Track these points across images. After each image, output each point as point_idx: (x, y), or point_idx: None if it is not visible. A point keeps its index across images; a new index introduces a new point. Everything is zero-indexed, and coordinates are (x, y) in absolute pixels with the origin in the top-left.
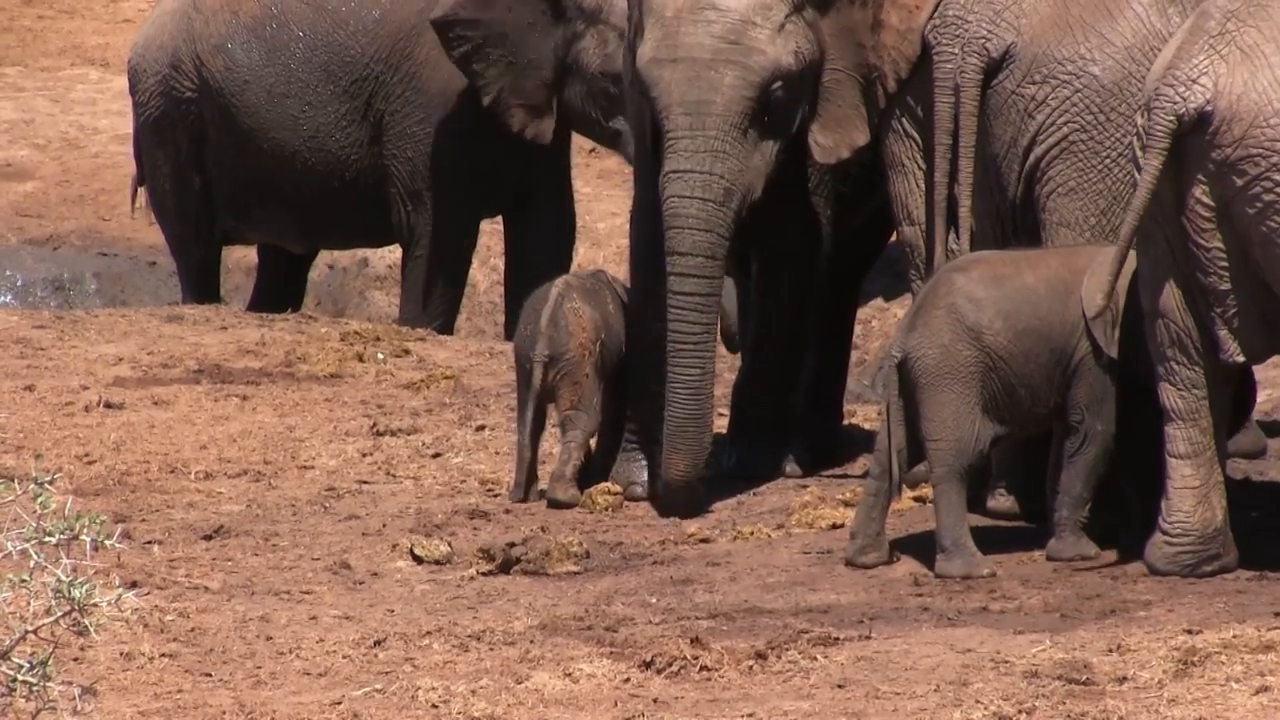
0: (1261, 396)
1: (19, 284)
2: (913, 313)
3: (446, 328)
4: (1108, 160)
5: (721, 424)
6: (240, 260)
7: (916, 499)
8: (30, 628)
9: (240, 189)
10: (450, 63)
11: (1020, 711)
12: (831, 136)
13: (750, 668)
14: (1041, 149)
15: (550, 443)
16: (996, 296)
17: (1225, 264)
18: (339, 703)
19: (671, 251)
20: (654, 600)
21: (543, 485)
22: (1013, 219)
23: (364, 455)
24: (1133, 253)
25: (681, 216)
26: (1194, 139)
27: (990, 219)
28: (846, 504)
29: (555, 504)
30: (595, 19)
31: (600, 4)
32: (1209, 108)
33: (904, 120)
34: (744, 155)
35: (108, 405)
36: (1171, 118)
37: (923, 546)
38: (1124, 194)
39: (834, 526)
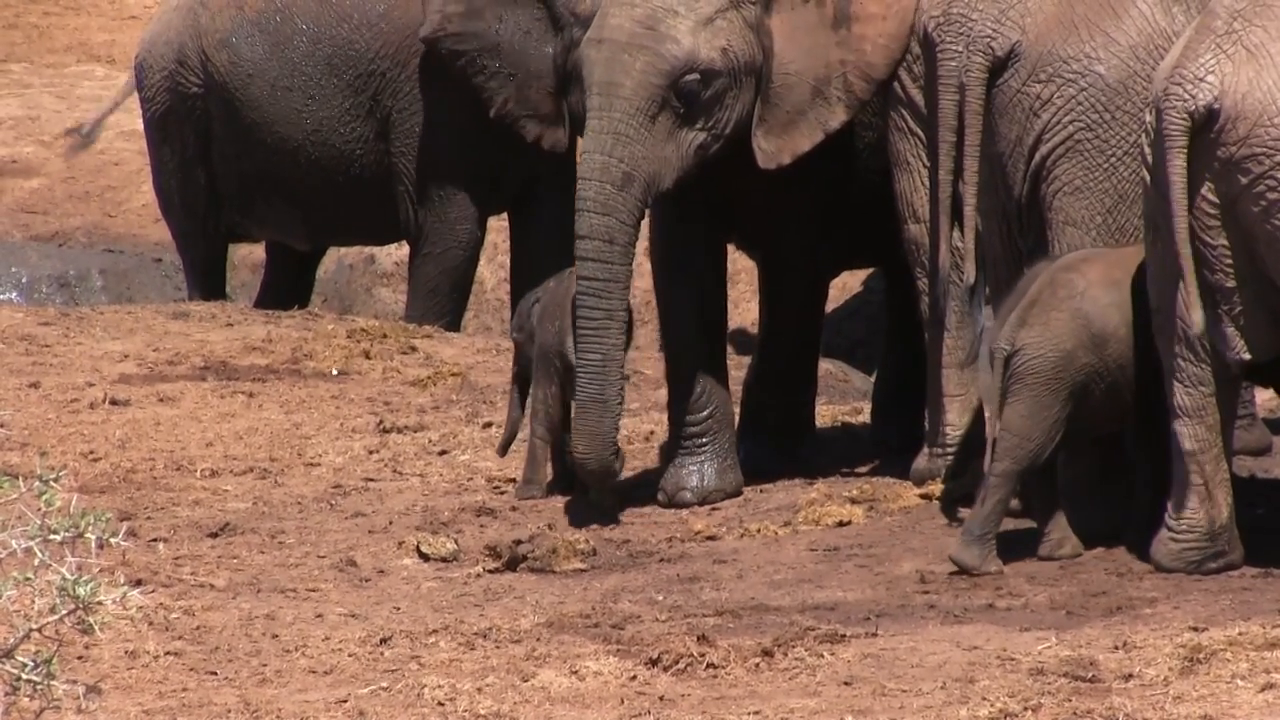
0: (1267, 394)
1: (24, 281)
2: (1024, 308)
3: (453, 325)
4: (1113, 159)
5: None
6: (246, 257)
7: (923, 496)
8: (34, 626)
9: (245, 184)
10: None
11: (1026, 709)
12: (774, 141)
13: (757, 665)
14: (1047, 148)
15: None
16: (1120, 301)
17: (1231, 261)
18: (345, 701)
19: (575, 235)
20: (661, 598)
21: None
22: (1019, 218)
23: (370, 452)
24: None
25: (582, 199)
26: (1200, 137)
27: (996, 217)
28: (854, 501)
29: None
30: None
31: (594, 10)
32: (1215, 106)
33: (908, 118)
34: (651, 143)
35: (113, 402)
36: (1185, 116)
37: (929, 544)
38: (1130, 192)
39: (841, 524)
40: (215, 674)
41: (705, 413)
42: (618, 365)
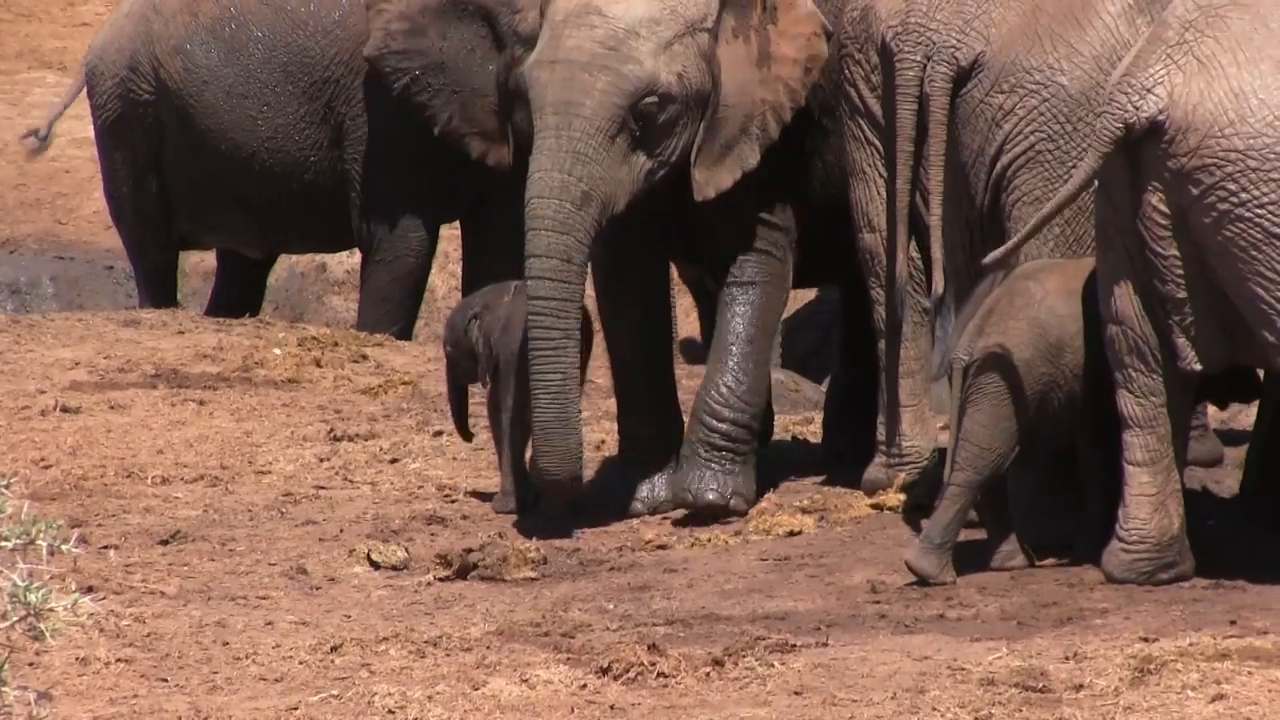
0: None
1: None
2: (982, 317)
3: (405, 333)
4: (1073, 169)
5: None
6: (198, 265)
7: (874, 506)
8: None
9: (198, 191)
10: None
11: (977, 719)
12: (705, 174)
13: (707, 675)
14: (1008, 158)
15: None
16: (1077, 313)
17: (1182, 272)
18: (295, 708)
19: (528, 254)
20: (611, 606)
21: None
22: (981, 228)
23: (321, 460)
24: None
25: (538, 218)
26: (1149, 148)
27: (959, 227)
28: (804, 511)
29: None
30: (533, 44)
31: (537, 29)
32: (1163, 117)
33: (865, 127)
34: (608, 163)
35: (64, 410)
36: (1120, 124)
37: (881, 554)
38: (1089, 204)
39: (791, 534)
40: (166, 681)
41: (655, 424)
42: (576, 383)
